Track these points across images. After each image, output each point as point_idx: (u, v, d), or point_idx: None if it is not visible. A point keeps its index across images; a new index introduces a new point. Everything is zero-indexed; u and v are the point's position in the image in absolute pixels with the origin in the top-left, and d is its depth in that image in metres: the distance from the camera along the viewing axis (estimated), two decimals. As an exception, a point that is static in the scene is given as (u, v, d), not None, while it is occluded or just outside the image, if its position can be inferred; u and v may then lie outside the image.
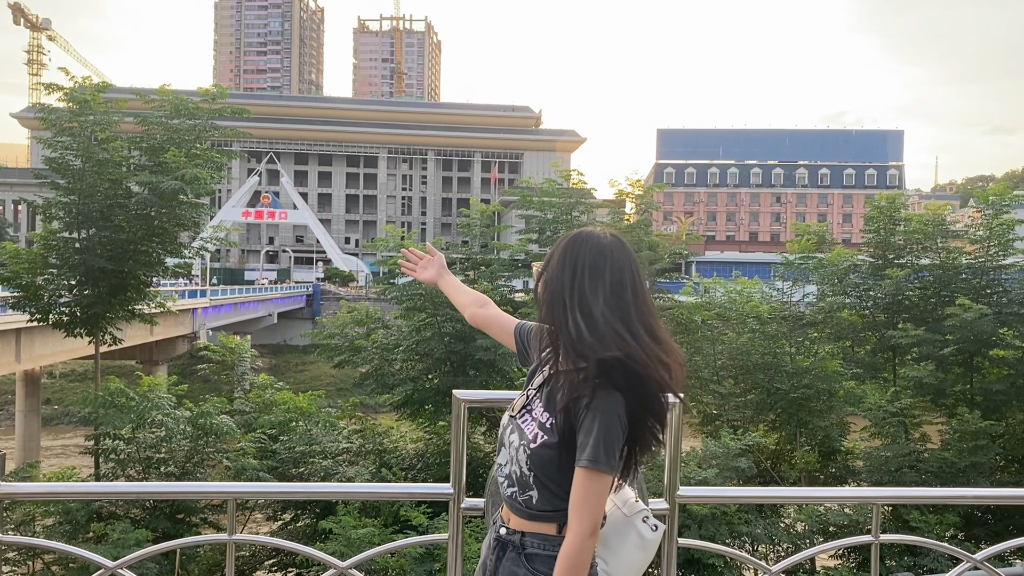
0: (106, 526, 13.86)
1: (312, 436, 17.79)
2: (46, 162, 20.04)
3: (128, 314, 20.36)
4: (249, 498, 3.26)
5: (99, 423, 16.59)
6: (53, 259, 20.06)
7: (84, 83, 20.24)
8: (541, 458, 2.48)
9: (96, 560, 3.12)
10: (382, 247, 23.53)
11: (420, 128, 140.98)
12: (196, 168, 19.22)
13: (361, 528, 13.84)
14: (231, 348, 23.79)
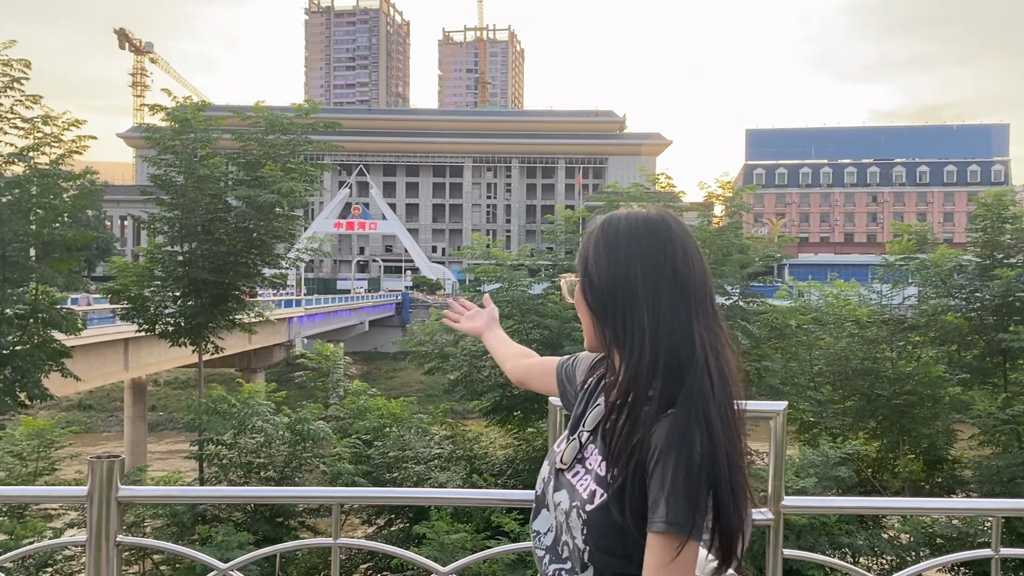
0: (210, 528, 14.41)
1: (405, 442, 18.08)
2: (151, 179, 21.03)
3: (229, 324, 21.15)
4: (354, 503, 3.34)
5: (203, 429, 17.27)
6: (158, 272, 21.00)
7: (185, 103, 21.18)
8: (601, 525, 1.81)
9: (209, 562, 3.22)
10: (468, 255, 23.79)
11: (504, 136, 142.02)
12: (291, 181, 19.85)
13: (454, 533, 13.98)
14: (326, 356, 24.45)
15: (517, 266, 21.33)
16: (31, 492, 3.18)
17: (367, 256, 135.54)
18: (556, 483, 1.95)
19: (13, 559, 3.01)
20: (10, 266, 16.29)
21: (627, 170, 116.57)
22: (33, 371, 16.59)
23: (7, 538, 14.92)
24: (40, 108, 16.66)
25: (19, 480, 16.71)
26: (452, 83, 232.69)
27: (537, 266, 24.43)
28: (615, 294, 1.86)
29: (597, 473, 1.86)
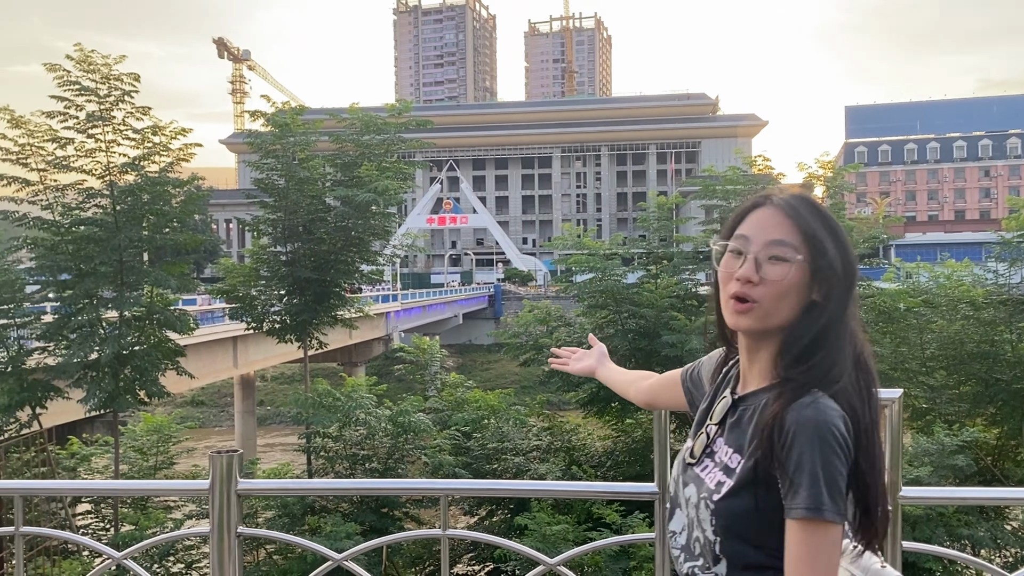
0: (319, 519, 14.89)
1: (503, 433, 18.24)
2: (254, 183, 21.83)
3: (332, 320, 21.78)
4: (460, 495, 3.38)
5: (309, 422, 17.84)
6: (264, 272, 21.80)
7: (283, 108, 21.87)
8: (731, 514, 1.78)
9: (325, 553, 3.32)
10: (559, 246, 23.72)
11: (592, 125, 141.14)
12: (386, 180, 20.26)
13: (555, 525, 14.03)
14: (423, 349, 24.89)
15: (610, 255, 21.14)
16: (158, 485, 3.35)
17: (459, 250, 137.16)
18: (684, 479, 1.95)
19: (142, 549, 3.17)
20: (127, 271, 17.17)
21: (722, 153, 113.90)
22: (151, 370, 17.46)
23: (132, 528, 15.81)
24: (149, 119, 17.47)
25: (141, 473, 17.67)
26: (539, 74, 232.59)
27: (630, 254, 24.16)
28: (840, 277, 1.84)
29: (726, 464, 1.84)
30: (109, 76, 16.58)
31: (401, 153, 23.69)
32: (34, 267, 18.24)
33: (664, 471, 3.44)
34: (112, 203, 17.24)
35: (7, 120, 16.34)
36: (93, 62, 16.48)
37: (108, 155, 17.16)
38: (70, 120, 16.74)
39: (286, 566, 14.65)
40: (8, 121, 16.33)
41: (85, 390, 16.99)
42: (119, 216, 17.16)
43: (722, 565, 1.81)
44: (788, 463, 1.69)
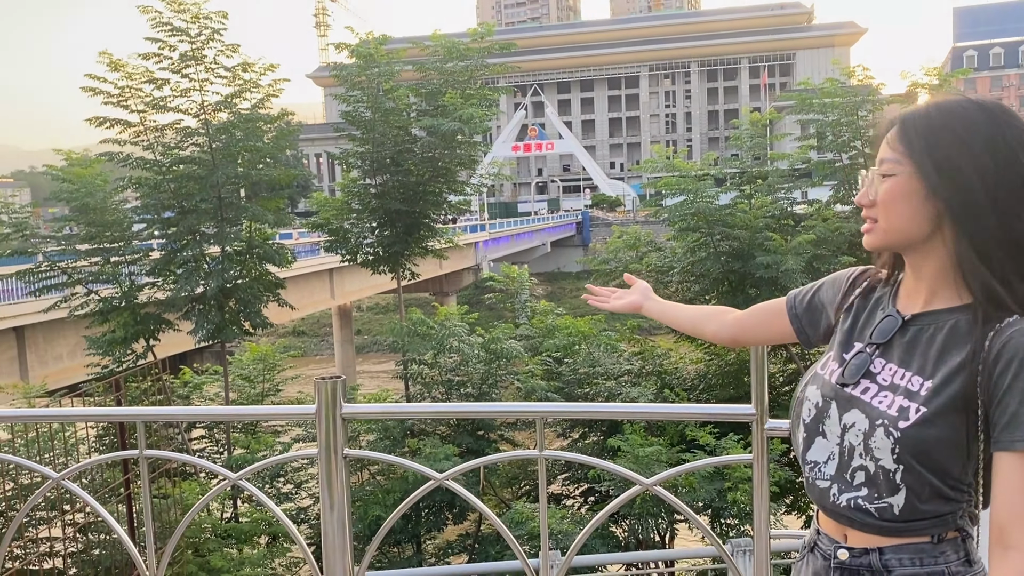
0: (418, 442, 15.40)
1: (594, 359, 18.31)
2: (342, 116, 22.05)
3: (423, 251, 22.10)
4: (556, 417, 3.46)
5: (405, 350, 18.31)
6: (355, 205, 22.19)
7: (367, 38, 21.87)
8: (920, 441, 1.68)
9: (427, 472, 3.41)
10: (648, 169, 23.21)
11: (681, 40, 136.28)
12: (471, 108, 20.15)
13: (648, 446, 14.12)
14: (512, 277, 25.04)
15: (702, 176, 20.57)
16: (268, 411, 3.55)
17: (545, 177, 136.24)
18: (840, 405, 1.83)
19: (255, 471, 3.34)
20: (226, 207, 17.77)
21: (818, 64, 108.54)
22: (254, 302, 18.19)
23: (244, 451, 16.74)
24: (239, 56, 17.77)
25: (249, 400, 18.59)
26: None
27: (723, 175, 23.48)
28: (967, 186, 1.67)
29: (905, 388, 1.73)
30: (199, 15, 16.88)
31: (485, 79, 23.44)
32: (139, 206, 19.05)
33: (762, 393, 3.40)
34: (208, 141, 17.76)
35: (107, 64, 16.88)
36: (183, 2, 16.78)
37: (202, 94, 17.60)
38: (164, 61, 17.19)
39: (388, 486, 15.27)
40: (108, 64, 16.88)
41: (194, 322, 17.88)
42: (215, 153, 17.69)
43: (900, 495, 1.73)
44: (1007, 391, 1.60)
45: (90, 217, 17.20)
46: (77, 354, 23.45)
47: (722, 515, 14.74)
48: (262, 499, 3.49)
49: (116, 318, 17.27)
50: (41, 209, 49.08)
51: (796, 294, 2.25)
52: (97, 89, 16.99)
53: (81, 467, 3.88)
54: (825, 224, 19.69)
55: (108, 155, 18.07)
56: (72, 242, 17.79)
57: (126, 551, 11.23)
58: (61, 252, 17.81)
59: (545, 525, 3.26)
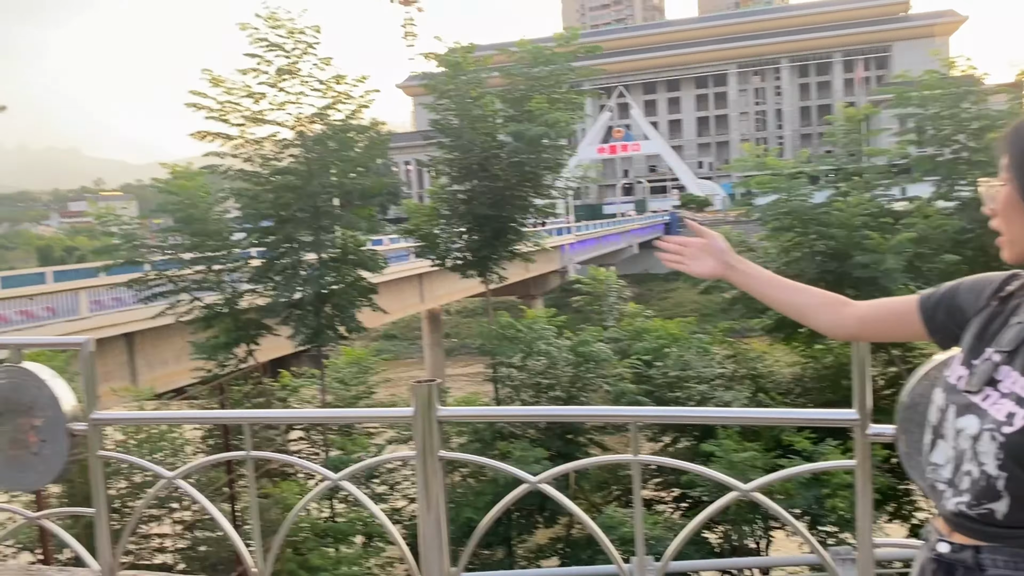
0: (508, 444, 15.53)
1: (685, 362, 18.09)
2: (430, 124, 22.42)
3: (510, 254, 22.26)
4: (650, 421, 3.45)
5: (494, 353, 18.49)
6: (444, 210, 22.53)
7: (455, 47, 22.19)
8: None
9: (521, 475, 3.44)
10: (739, 168, 22.79)
11: (771, 36, 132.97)
12: (557, 112, 20.20)
13: (742, 452, 13.86)
14: (599, 280, 24.97)
15: (795, 174, 20.03)
16: (367, 413, 3.63)
17: (631, 178, 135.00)
18: (958, 408, 1.81)
19: (355, 472, 3.43)
20: (321, 215, 18.32)
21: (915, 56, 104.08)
22: (348, 307, 18.70)
23: (340, 452, 17.19)
24: (332, 69, 18.30)
25: (344, 402, 19.08)
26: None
27: (817, 172, 22.81)
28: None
29: (1018, 394, 1.70)
30: (294, 31, 17.46)
31: (570, 83, 23.46)
32: (239, 216, 19.80)
33: (864, 397, 3.31)
34: (304, 152, 18.34)
35: (208, 80, 17.64)
36: (279, 18, 17.39)
37: (298, 106, 18.20)
38: (262, 76, 17.84)
39: (479, 488, 15.44)
40: (209, 81, 17.64)
41: (292, 327, 18.48)
42: (311, 164, 18.25)
43: (1003, 502, 1.68)
44: None
45: (194, 227, 17.99)
46: (182, 359, 24.54)
47: (820, 522, 14.33)
48: (362, 500, 3.59)
49: (219, 324, 18.00)
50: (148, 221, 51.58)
51: (930, 295, 2.16)
52: (199, 104, 17.77)
53: (193, 467, 4.08)
54: (927, 221, 18.89)
55: (210, 168, 18.87)
56: (177, 251, 18.62)
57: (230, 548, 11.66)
58: (167, 261, 18.67)
59: (640, 530, 3.25)
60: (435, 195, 23.25)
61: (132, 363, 25.25)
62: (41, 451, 3.60)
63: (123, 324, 23.79)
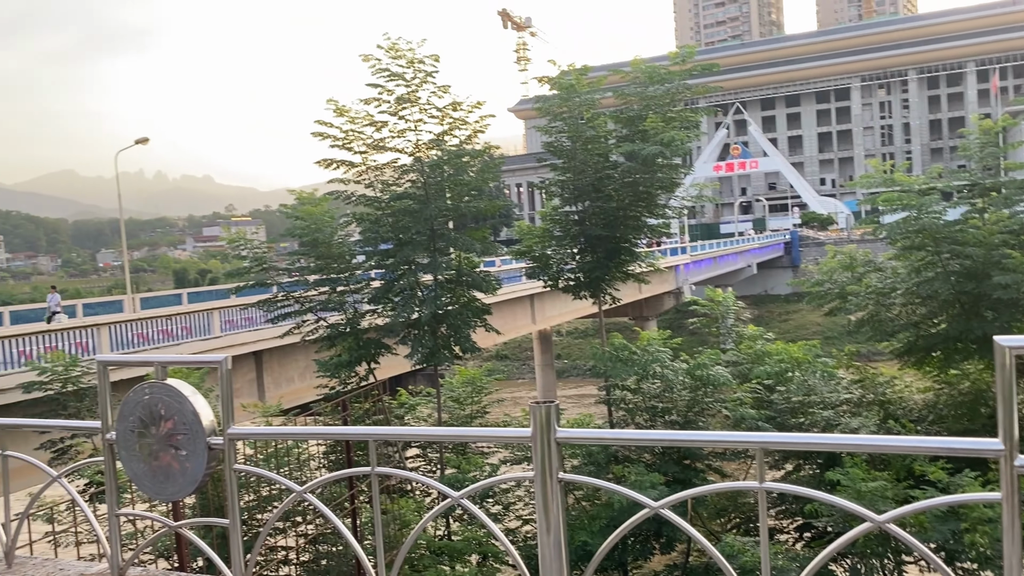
0: (623, 468, 15.32)
1: (809, 386, 17.42)
2: (543, 146, 22.60)
3: (623, 275, 22.10)
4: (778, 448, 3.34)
5: (607, 375, 18.33)
6: (556, 232, 22.62)
7: (568, 69, 22.34)
8: None
9: (642, 500, 3.39)
10: (864, 184, 21.89)
11: (896, 48, 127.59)
12: (672, 131, 19.99)
13: (871, 481, 13.20)
14: (717, 301, 24.37)
15: (926, 190, 19.05)
16: (486, 433, 3.67)
17: (749, 196, 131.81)
18: None
19: (477, 491, 3.46)
20: (437, 238, 18.73)
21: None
22: (463, 327, 18.98)
23: (455, 471, 17.40)
24: (449, 96, 18.74)
25: (458, 421, 19.33)
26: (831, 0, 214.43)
27: (950, 188, 21.63)
28: None
29: None
30: (413, 60, 18.01)
31: (685, 101, 23.19)
32: (360, 239, 20.49)
33: (1011, 425, 3.11)
34: (422, 177, 18.83)
35: (333, 110, 18.39)
36: (400, 49, 17.98)
37: (416, 133, 18.72)
38: (383, 104, 18.46)
39: (593, 512, 15.29)
40: (334, 111, 18.38)
41: (409, 346, 18.92)
42: (428, 188, 18.72)
43: None
44: None
45: (319, 251, 18.73)
46: (307, 376, 25.51)
47: (958, 558, 13.46)
48: (483, 520, 3.63)
49: (342, 343, 18.62)
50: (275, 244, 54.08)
51: None
52: (325, 133, 18.54)
53: (321, 482, 4.22)
54: (1075, 239, 17.61)
55: (334, 193, 19.63)
56: (303, 274, 19.42)
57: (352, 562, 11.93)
58: (294, 283, 19.48)
59: (767, 560, 3.15)
60: (547, 216, 23.38)
61: (260, 380, 26.45)
62: (183, 463, 3.81)
63: (252, 343, 24.98)
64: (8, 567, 4.19)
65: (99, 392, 3.96)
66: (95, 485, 11.77)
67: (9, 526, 4.17)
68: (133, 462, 3.88)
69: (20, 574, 4.08)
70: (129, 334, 22.29)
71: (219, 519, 4.02)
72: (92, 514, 4.51)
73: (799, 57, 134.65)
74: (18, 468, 4.16)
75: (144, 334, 22.74)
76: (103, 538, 4.16)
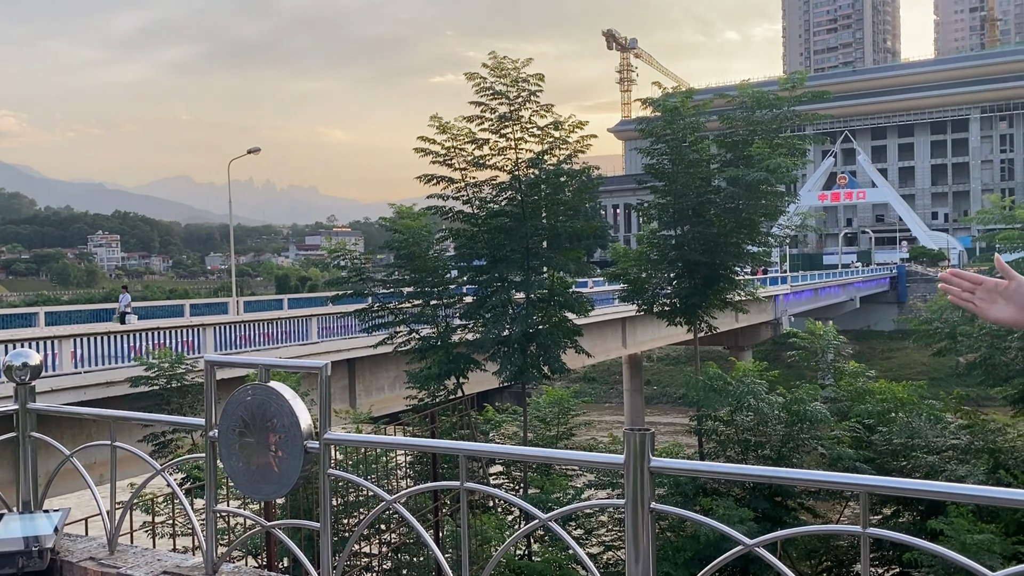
0: (711, 501, 14.94)
1: (913, 429, 16.61)
2: (645, 168, 22.42)
3: (720, 303, 21.65)
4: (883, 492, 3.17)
5: (700, 404, 17.94)
6: (653, 255, 22.35)
7: (673, 92, 22.13)
8: None
9: (736, 537, 3.26)
10: (981, 220, 20.85)
11: (1020, 79, 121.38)
12: (779, 157, 19.53)
13: (977, 533, 12.45)
14: (817, 334, 23.60)
15: (1049, 229, 18.03)
16: (578, 457, 3.63)
17: (855, 228, 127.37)
18: None
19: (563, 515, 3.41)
20: (531, 256, 18.75)
21: None
22: (553, 347, 18.91)
23: (538, 491, 17.31)
24: (551, 116, 18.79)
25: (544, 441, 19.24)
26: (951, 27, 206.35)
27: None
28: None
29: None
30: (517, 80, 18.14)
31: (792, 127, 22.63)
32: (455, 255, 20.73)
33: None
34: (519, 196, 18.91)
35: (436, 127, 18.69)
36: (504, 68, 18.15)
37: (516, 152, 18.82)
38: (485, 123, 18.64)
39: (678, 544, 14.94)
40: (436, 128, 18.69)
41: (498, 363, 18.96)
42: (525, 207, 18.79)
43: None
44: None
45: (415, 264, 19.03)
46: (396, 386, 25.91)
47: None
48: (571, 544, 3.55)
49: (432, 355, 18.83)
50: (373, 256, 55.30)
51: None
52: (427, 149, 18.85)
53: (411, 492, 4.24)
54: None
55: (433, 209, 19.92)
56: (399, 286, 19.76)
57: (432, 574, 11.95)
58: (389, 294, 19.84)
59: (870, 611, 2.98)
60: (644, 239, 23.13)
61: (352, 387, 27.02)
62: (280, 465, 3.89)
63: (346, 351, 25.56)
64: (110, 553, 4.35)
65: (205, 390, 4.08)
66: (192, 480, 12.22)
67: (114, 514, 4.34)
68: (232, 460, 3.98)
69: (121, 561, 4.24)
70: (233, 335, 23.16)
71: (309, 522, 4.08)
72: (191, 508, 4.65)
73: (914, 86, 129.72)
74: (120, 459, 4.33)
75: (246, 336, 23.59)
76: (199, 532, 4.27)
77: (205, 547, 4.11)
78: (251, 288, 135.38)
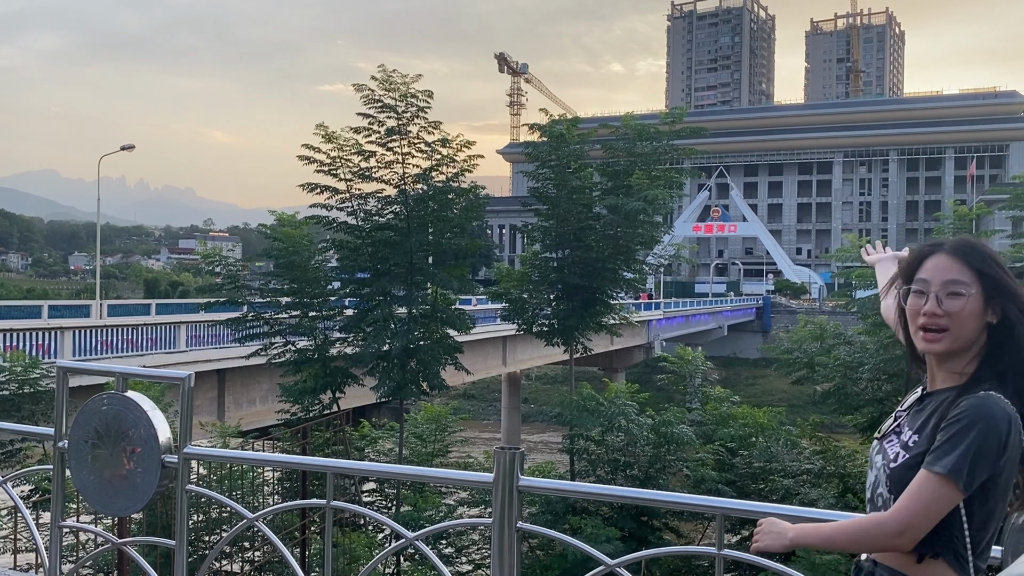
0: (580, 520, 15.20)
1: (772, 454, 17.45)
2: (529, 191, 22.78)
3: (597, 326, 22.14)
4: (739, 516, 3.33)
5: (572, 423, 18.25)
6: (535, 276, 22.68)
7: (559, 119, 22.60)
8: (901, 479, 2.25)
9: (598, 556, 3.36)
10: (840, 258, 22.23)
11: (880, 128, 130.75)
12: (656, 188, 20.23)
13: (826, 554, 13.17)
14: (686, 359, 24.48)
15: (899, 270, 19.38)
16: (448, 475, 3.63)
17: (726, 259, 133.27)
18: (877, 449, 2.44)
19: (431, 533, 3.40)
20: (415, 271, 18.67)
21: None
22: (433, 363, 18.84)
23: (411, 509, 17.15)
24: (439, 133, 18.84)
25: (420, 458, 19.09)
26: (820, 75, 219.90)
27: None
28: (1012, 302, 2.27)
29: (905, 441, 2.32)
30: (407, 94, 18.11)
31: (671, 160, 23.55)
32: (338, 266, 20.38)
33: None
34: (405, 210, 18.83)
35: (322, 136, 18.41)
36: (394, 82, 18.09)
37: (403, 166, 18.75)
38: (373, 135, 18.50)
39: (547, 562, 15.11)
40: (322, 136, 18.40)
41: (377, 378, 18.73)
42: (411, 222, 18.71)
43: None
44: (942, 431, 2.16)
45: (294, 274, 18.59)
46: (269, 399, 25.15)
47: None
48: (437, 564, 3.56)
49: (308, 369, 18.41)
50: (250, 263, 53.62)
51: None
52: (312, 157, 18.53)
53: (274, 510, 4.14)
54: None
55: (315, 218, 19.54)
56: (276, 295, 19.24)
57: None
58: (265, 304, 19.29)
59: (720, 629, 3.12)
60: (527, 260, 23.46)
61: (221, 399, 26.03)
62: (134, 479, 3.72)
63: (217, 360, 24.62)
64: (-61, 571, 4.04)
65: (56, 398, 3.87)
66: (40, 492, 11.46)
67: (-54, 529, 4.04)
68: (83, 473, 3.78)
69: (-49, 580, 3.94)
70: (94, 340, 21.90)
71: (165, 539, 3.92)
72: (34, 522, 4.38)
73: (785, 127, 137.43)
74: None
75: (108, 342, 22.35)
76: (42, 548, 4.03)
77: (48, 564, 3.87)
78: (117, 291, 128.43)
